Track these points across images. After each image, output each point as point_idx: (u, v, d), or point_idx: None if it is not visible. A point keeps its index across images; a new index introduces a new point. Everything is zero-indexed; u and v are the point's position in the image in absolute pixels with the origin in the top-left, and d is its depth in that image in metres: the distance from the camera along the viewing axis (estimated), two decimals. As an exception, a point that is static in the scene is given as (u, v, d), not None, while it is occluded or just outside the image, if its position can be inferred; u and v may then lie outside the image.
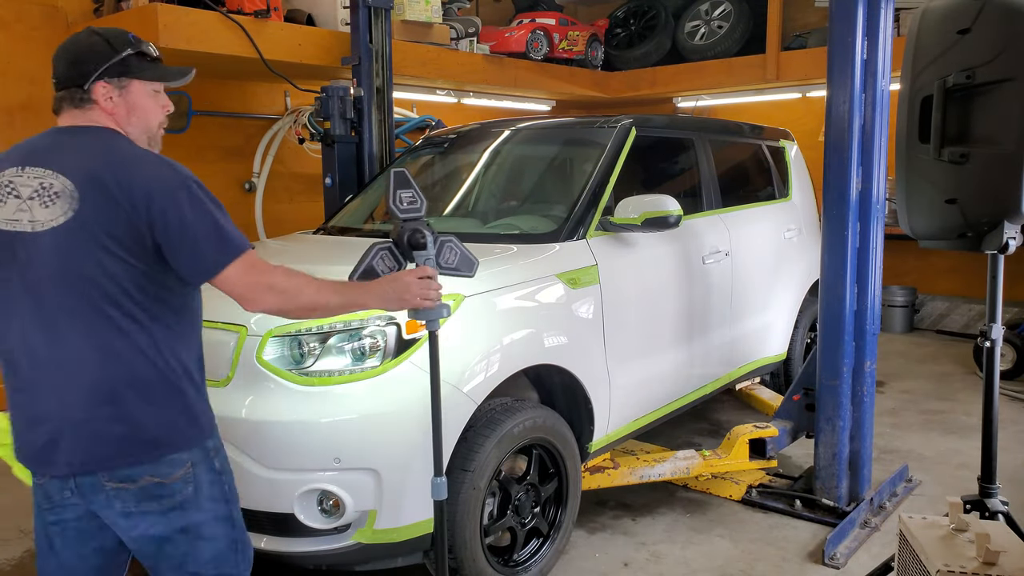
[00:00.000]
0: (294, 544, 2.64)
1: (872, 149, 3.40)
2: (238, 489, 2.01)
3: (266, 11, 5.24)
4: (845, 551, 3.28)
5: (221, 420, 2.60)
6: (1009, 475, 4.01)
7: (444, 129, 5.15)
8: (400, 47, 5.95)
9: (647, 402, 3.62)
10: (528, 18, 7.62)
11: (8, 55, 5.19)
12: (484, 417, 2.80)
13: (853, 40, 3.30)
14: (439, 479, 2.42)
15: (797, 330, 4.81)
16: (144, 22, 4.81)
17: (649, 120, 3.92)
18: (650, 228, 3.34)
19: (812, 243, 4.88)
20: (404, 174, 2.41)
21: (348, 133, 5.29)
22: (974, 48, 2.40)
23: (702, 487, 3.90)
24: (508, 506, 2.95)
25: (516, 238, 3.38)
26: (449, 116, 7.54)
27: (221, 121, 6.33)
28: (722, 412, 5.07)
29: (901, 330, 7.50)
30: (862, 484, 3.62)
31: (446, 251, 2.44)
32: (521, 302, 2.99)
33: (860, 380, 3.56)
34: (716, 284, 4.01)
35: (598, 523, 3.60)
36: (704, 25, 8.06)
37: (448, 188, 4.16)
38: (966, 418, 5.01)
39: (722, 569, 3.19)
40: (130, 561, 2.01)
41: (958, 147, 2.44)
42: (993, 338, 2.66)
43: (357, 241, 3.68)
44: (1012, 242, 2.47)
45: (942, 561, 2.19)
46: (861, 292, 3.49)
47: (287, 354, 2.65)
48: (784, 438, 3.91)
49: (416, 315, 2.35)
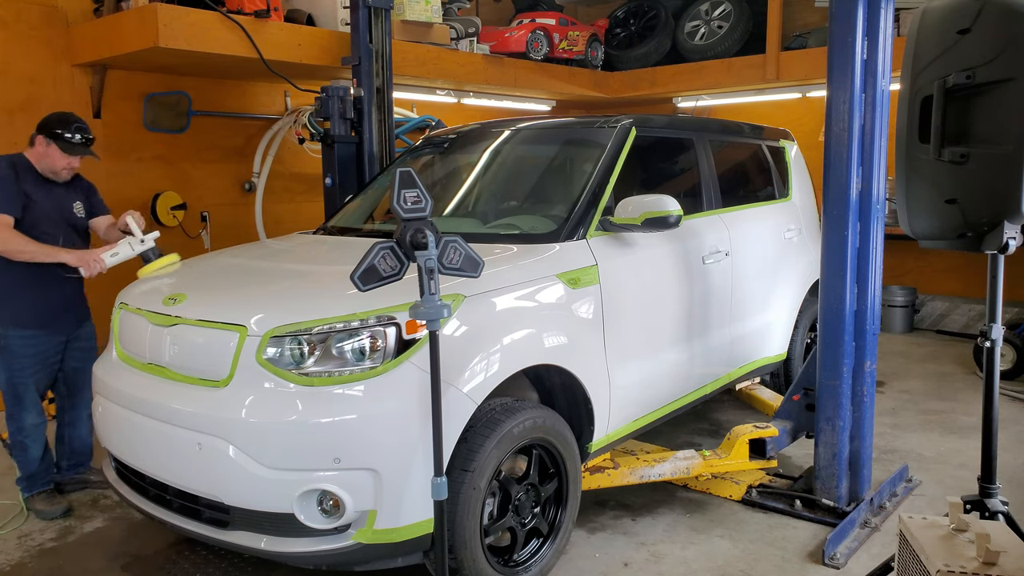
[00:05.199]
0: (294, 544, 2.64)
1: (872, 149, 3.40)
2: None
3: (266, 11, 5.24)
4: (845, 551, 3.28)
5: (221, 420, 2.62)
6: (1009, 475, 4.01)
7: (444, 129, 5.15)
8: (400, 47, 5.95)
9: (647, 402, 3.62)
10: (528, 18, 7.63)
11: (8, 55, 5.19)
12: (484, 417, 2.79)
13: (853, 40, 3.30)
14: (439, 479, 2.42)
15: (797, 330, 4.81)
16: (144, 22, 4.81)
17: (649, 120, 3.92)
18: (650, 228, 3.34)
19: (812, 243, 4.88)
20: (410, 173, 2.41)
21: (348, 133, 5.30)
22: (974, 48, 2.40)
23: (702, 487, 3.90)
24: (508, 506, 2.94)
25: (516, 238, 3.38)
26: (449, 116, 7.54)
27: (221, 121, 6.34)
28: (722, 412, 5.07)
29: (901, 330, 7.50)
30: (862, 484, 3.62)
31: (450, 251, 2.45)
32: (521, 302, 2.99)
33: (860, 380, 3.56)
34: (716, 284, 4.01)
35: (598, 523, 3.60)
36: (704, 25, 8.07)
37: (448, 188, 4.16)
38: (966, 418, 5.01)
39: (722, 569, 3.19)
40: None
41: (958, 147, 2.44)
42: (993, 338, 2.66)
43: (357, 241, 3.68)
44: (1012, 242, 2.47)
45: (942, 561, 2.19)
46: (861, 292, 3.49)
47: (287, 354, 2.65)
48: (784, 438, 3.91)
49: (416, 315, 2.36)
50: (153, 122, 5.83)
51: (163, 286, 3.18)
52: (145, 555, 3.37)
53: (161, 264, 3.55)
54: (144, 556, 3.36)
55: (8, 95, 5.22)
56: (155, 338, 2.93)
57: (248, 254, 3.70)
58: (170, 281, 3.26)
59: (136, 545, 3.46)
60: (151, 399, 2.84)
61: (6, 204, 3.51)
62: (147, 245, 3.60)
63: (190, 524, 2.81)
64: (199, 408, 2.68)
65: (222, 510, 2.69)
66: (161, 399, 2.80)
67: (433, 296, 2.36)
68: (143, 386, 2.91)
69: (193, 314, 2.85)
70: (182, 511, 2.85)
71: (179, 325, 2.86)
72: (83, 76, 5.54)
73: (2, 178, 3.54)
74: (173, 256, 3.63)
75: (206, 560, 3.30)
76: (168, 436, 2.75)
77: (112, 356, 3.20)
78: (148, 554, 3.37)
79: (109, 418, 3.06)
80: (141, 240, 3.59)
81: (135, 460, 2.95)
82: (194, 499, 2.77)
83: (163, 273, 3.44)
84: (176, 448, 2.72)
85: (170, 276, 3.37)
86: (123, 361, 3.11)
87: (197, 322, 2.82)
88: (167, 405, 2.77)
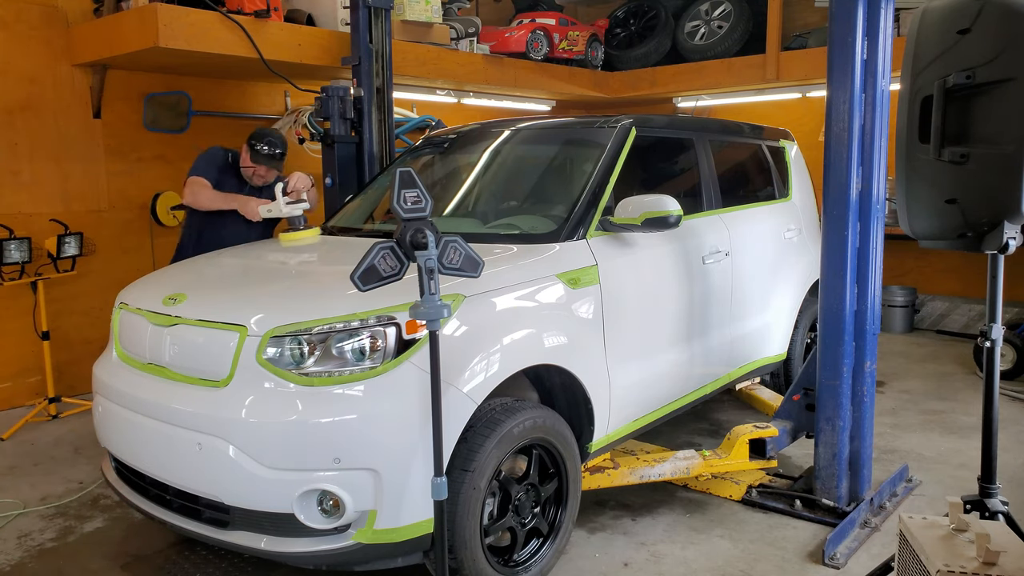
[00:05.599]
0: (294, 544, 2.64)
1: (872, 149, 3.40)
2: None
3: (266, 11, 5.24)
4: (845, 551, 3.28)
5: (221, 420, 2.62)
6: (1009, 475, 4.01)
7: (444, 129, 5.15)
8: (400, 47, 5.96)
9: (647, 402, 3.63)
10: (528, 18, 7.63)
11: (8, 55, 5.20)
12: (484, 417, 2.79)
13: (853, 40, 3.30)
14: (439, 479, 2.42)
15: (797, 330, 4.81)
16: (144, 22, 4.81)
17: (649, 120, 3.92)
18: (650, 228, 3.34)
19: (812, 243, 4.89)
20: (410, 173, 2.41)
21: (348, 133, 5.30)
22: (974, 48, 2.40)
23: (702, 487, 3.90)
24: (508, 506, 2.94)
25: (516, 238, 3.38)
26: (449, 116, 7.54)
27: (221, 121, 6.34)
28: (722, 412, 5.08)
29: (901, 330, 7.50)
30: (862, 484, 3.62)
31: (450, 251, 2.45)
32: (521, 302, 2.99)
33: (860, 380, 3.56)
34: (716, 284, 4.01)
35: (598, 523, 3.60)
36: (704, 25, 8.07)
37: (448, 188, 4.16)
38: (966, 418, 5.01)
39: (722, 569, 3.19)
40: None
41: (958, 147, 2.44)
42: (993, 338, 2.66)
43: (357, 241, 3.68)
44: (1012, 242, 2.47)
45: (942, 561, 2.19)
46: (861, 292, 3.49)
47: (287, 354, 2.65)
48: (784, 438, 3.91)
49: (416, 315, 2.36)
50: (153, 122, 5.84)
51: (163, 286, 3.18)
52: (145, 555, 3.37)
53: (303, 235, 3.85)
54: (144, 556, 3.36)
55: (8, 95, 5.22)
56: (155, 338, 2.93)
57: (248, 254, 3.70)
58: (170, 281, 3.26)
59: (136, 545, 3.46)
60: (151, 399, 2.84)
61: (206, 170, 4.31)
62: (294, 212, 4.00)
63: (190, 524, 2.81)
64: (199, 408, 2.68)
65: (222, 510, 2.69)
66: (161, 399, 2.80)
67: (433, 296, 2.36)
68: (143, 386, 2.91)
69: (193, 314, 2.85)
70: (182, 511, 2.85)
71: (179, 325, 2.86)
72: (83, 76, 5.54)
73: (212, 156, 4.41)
74: (316, 230, 3.94)
75: (206, 560, 3.30)
76: (168, 436, 2.75)
77: (112, 356, 3.20)
78: (148, 554, 3.37)
79: (109, 418, 3.06)
80: (287, 202, 4.02)
81: (135, 460, 2.95)
82: (194, 499, 2.77)
83: (302, 244, 3.74)
84: (176, 448, 2.72)
85: (170, 276, 3.37)
86: (123, 361, 3.11)
87: (197, 322, 2.82)
88: (167, 405, 2.77)
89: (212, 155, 4.42)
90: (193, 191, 4.27)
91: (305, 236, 3.88)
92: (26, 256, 4.99)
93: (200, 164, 4.37)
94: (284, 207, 4.02)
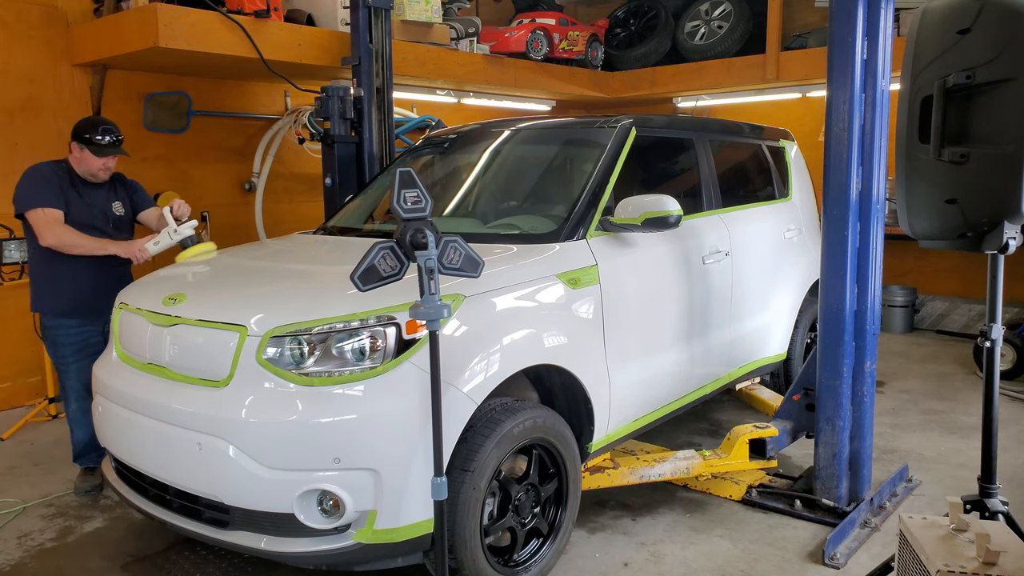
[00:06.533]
0: (294, 544, 2.64)
1: (872, 149, 3.40)
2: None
3: (266, 11, 5.24)
4: (845, 551, 3.28)
5: (221, 420, 2.62)
6: (1009, 475, 4.01)
7: (444, 129, 5.15)
8: (400, 47, 5.95)
9: (647, 402, 3.62)
10: (528, 18, 7.63)
11: (8, 55, 5.20)
12: (484, 417, 2.79)
13: (853, 40, 3.30)
14: (439, 479, 2.42)
15: (797, 330, 4.81)
16: (144, 22, 4.81)
17: (649, 120, 3.92)
18: (650, 228, 3.34)
19: (812, 243, 4.88)
20: (410, 174, 2.41)
21: (348, 133, 5.30)
22: (974, 48, 2.40)
23: (702, 487, 3.90)
24: (508, 506, 2.94)
25: (516, 238, 3.38)
26: (449, 116, 7.55)
27: (221, 121, 6.34)
28: (722, 412, 5.08)
29: (901, 330, 7.50)
30: (862, 484, 3.62)
31: (450, 251, 2.45)
32: (521, 302, 2.99)
33: (860, 380, 3.56)
34: (716, 284, 4.01)
35: (598, 523, 3.60)
36: (704, 25, 8.07)
37: (448, 188, 4.16)
38: (966, 418, 5.01)
39: (722, 569, 3.19)
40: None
41: (958, 147, 2.44)
42: (993, 338, 2.66)
43: (357, 241, 3.68)
44: (1012, 242, 2.47)
45: (942, 561, 2.19)
46: (861, 292, 3.49)
47: (287, 354, 2.65)
48: (784, 438, 3.91)
49: (416, 315, 2.36)
50: (153, 122, 5.83)
51: (163, 286, 3.18)
52: (145, 555, 3.37)
53: (198, 251, 3.74)
54: (144, 556, 3.36)
55: (8, 95, 5.22)
56: (155, 338, 2.93)
57: (248, 254, 3.70)
58: (170, 281, 3.26)
59: (136, 545, 3.46)
60: (151, 399, 2.84)
61: (53, 200, 3.76)
62: (184, 233, 3.81)
63: (190, 524, 2.81)
64: (199, 408, 2.68)
65: (222, 510, 2.69)
66: (161, 399, 2.80)
67: (433, 296, 2.36)
68: (143, 386, 2.91)
69: (193, 314, 2.85)
70: (182, 511, 2.85)
71: (179, 325, 2.86)
72: (83, 76, 5.54)
73: (45, 178, 3.81)
74: (210, 244, 3.84)
75: (206, 560, 3.30)
76: (168, 436, 2.75)
77: (112, 356, 3.20)
78: (148, 554, 3.37)
79: (109, 418, 3.06)
80: (175, 229, 3.81)
81: (135, 460, 2.95)
82: (194, 499, 2.77)
83: (199, 260, 3.64)
84: (176, 448, 2.73)
85: (170, 276, 3.37)
86: (123, 361, 3.11)
87: (197, 322, 2.82)
88: (167, 405, 2.77)
89: (43, 177, 3.79)
90: (55, 232, 3.70)
91: (200, 250, 3.71)
92: (26, 256, 4.98)
93: (38, 192, 3.74)
94: (174, 234, 3.79)
